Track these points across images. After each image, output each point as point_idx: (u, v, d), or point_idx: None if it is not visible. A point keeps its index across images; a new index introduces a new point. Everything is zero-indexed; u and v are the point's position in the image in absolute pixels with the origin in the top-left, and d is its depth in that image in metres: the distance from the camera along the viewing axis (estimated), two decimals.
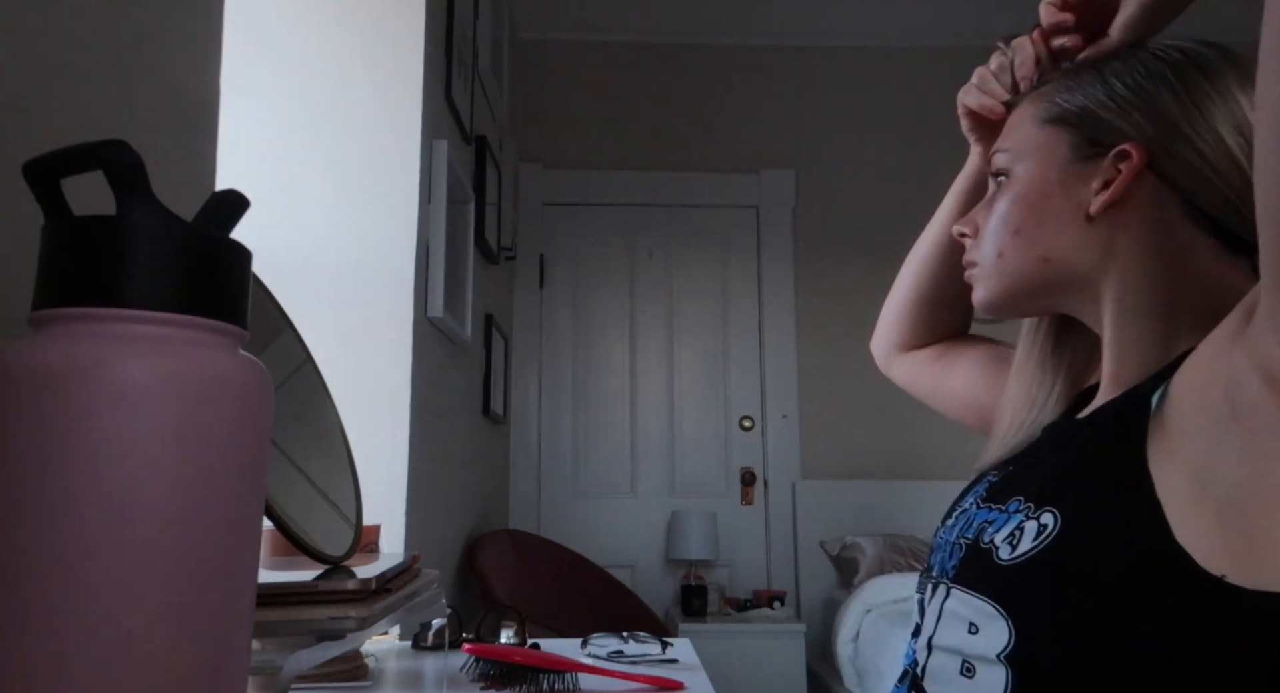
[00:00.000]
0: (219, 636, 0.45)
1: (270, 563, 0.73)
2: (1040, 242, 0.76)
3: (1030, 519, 0.66)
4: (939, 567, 0.77)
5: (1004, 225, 0.78)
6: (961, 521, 0.77)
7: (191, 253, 0.46)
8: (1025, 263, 0.77)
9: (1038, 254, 0.76)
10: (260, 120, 1.87)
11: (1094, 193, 0.74)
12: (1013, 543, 0.66)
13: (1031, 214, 0.76)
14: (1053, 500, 0.66)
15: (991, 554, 0.67)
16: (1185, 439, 0.62)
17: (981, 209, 0.82)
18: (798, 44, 3.90)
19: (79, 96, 0.74)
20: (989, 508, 0.73)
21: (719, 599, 3.34)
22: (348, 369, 1.82)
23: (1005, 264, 0.78)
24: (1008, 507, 0.70)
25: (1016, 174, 0.78)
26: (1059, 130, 0.76)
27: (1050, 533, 0.64)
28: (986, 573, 0.67)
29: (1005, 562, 0.66)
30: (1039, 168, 0.77)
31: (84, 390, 0.42)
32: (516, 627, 1.42)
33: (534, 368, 3.71)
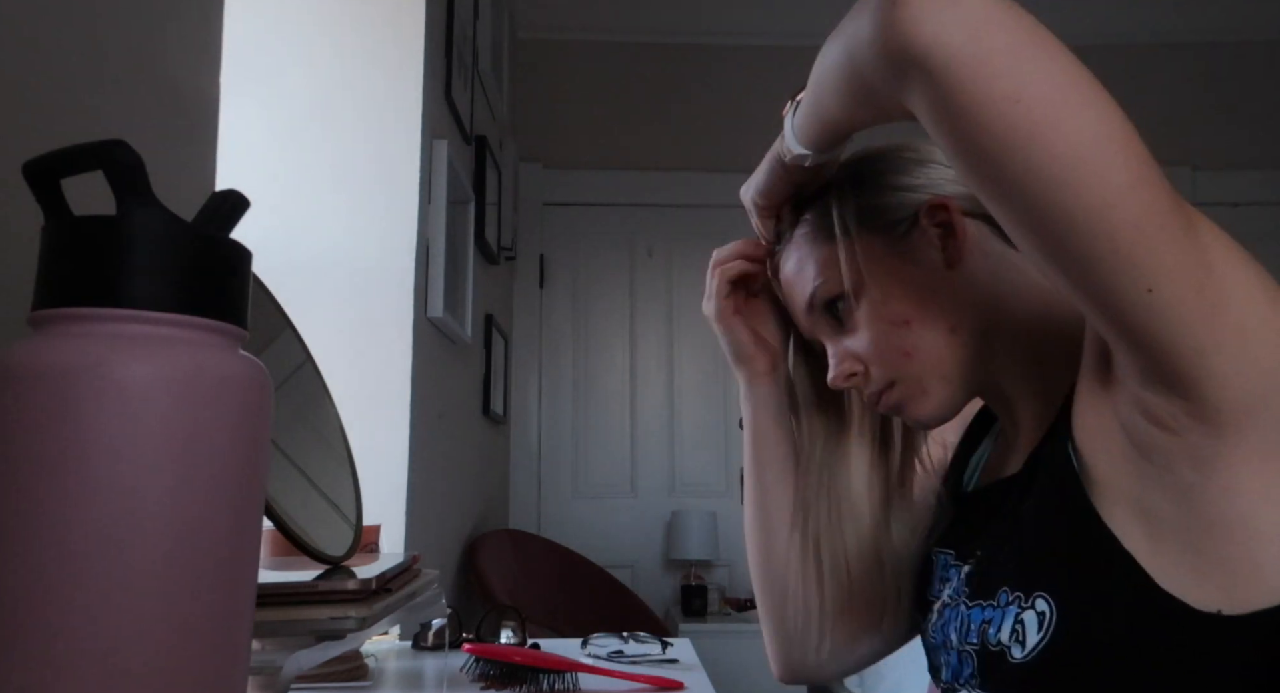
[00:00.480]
0: (219, 636, 0.45)
1: (270, 563, 0.73)
2: (934, 316, 0.74)
3: (1025, 609, 0.67)
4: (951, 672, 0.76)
5: (892, 328, 0.75)
6: (953, 619, 0.76)
7: (191, 253, 0.46)
8: (938, 344, 0.74)
9: (942, 328, 0.74)
10: (260, 121, 1.87)
11: (936, 249, 0.75)
12: (1020, 640, 0.67)
13: (908, 301, 0.75)
14: (1039, 585, 0.66)
15: (1005, 657, 0.68)
16: (1113, 487, 0.63)
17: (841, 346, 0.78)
18: (798, 44, 3.89)
19: (79, 96, 0.74)
20: (980, 606, 0.73)
21: (719, 599, 3.34)
22: (348, 369, 1.82)
23: (924, 359, 0.75)
24: (998, 600, 0.70)
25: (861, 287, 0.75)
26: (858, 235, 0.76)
27: (1050, 622, 0.65)
28: (1008, 677, 0.68)
29: (1020, 660, 0.66)
30: (875, 266, 0.75)
31: (84, 390, 0.42)
32: (516, 627, 1.42)
33: (534, 368, 3.71)
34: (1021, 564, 0.69)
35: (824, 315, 0.79)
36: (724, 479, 3.70)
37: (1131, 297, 0.55)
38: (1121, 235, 0.54)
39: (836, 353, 0.79)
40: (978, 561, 0.76)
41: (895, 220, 0.76)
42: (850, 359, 0.78)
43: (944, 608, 0.78)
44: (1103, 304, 0.57)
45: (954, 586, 0.78)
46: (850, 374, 0.78)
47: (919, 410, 0.77)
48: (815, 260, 0.79)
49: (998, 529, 0.74)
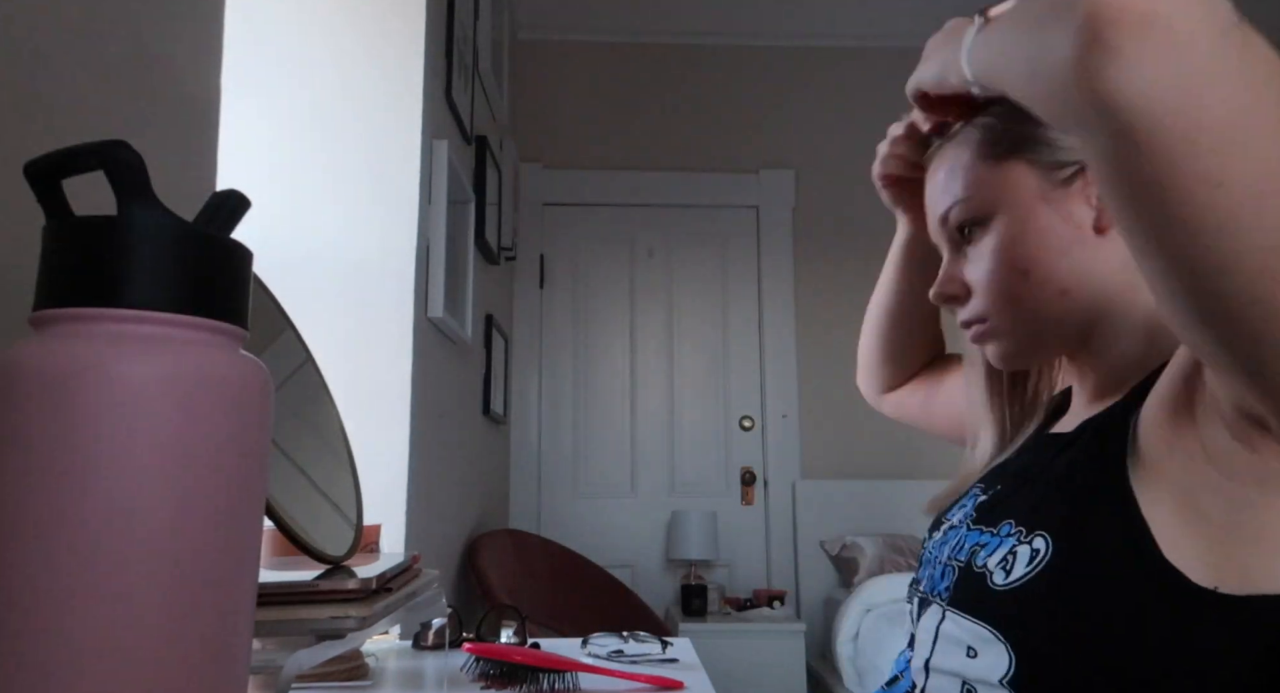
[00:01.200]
0: (219, 636, 0.45)
1: (270, 563, 0.73)
2: (1054, 275, 0.73)
3: (1022, 543, 0.67)
4: (929, 583, 0.77)
5: (1010, 270, 0.73)
6: (952, 538, 0.77)
7: (192, 253, 0.46)
8: (1045, 302, 0.73)
9: (1055, 288, 0.73)
10: (261, 121, 1.87)
11: (1091, 208, 0.72)
12: (1006, 568, 0.67)
13: (1037, 250, 0.73)
14: (1043, 524, 0.66)
15: (986, 579, 0.68)
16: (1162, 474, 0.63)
17: (956, 267, 0.78)
18: (798, 44, 3.90)
19: (79, 96, 0.74)
20: (979, 530, 0.73)
21: (719, 599, 3.34)
22: (348, 369, 1.82)
23: (1024, 309, 0.74)
24: (999, 530, 0.70)
25: (998, 217, 0.74)
26: (1017, 163, 0.73)
27: (1043, 558, 0.65)
28: (982, 598, 0.68)
29: (1001, 587, 0.66)
30: (1021, 204, 0.73)
31: (84, 390, 0.42)
32: (516, 627, 1.42)
33: (534, 368, 3.71)
34: (1034, 504, 0.69)
35: (953, 231, 0.78)
36: (724, 479, 3.70)
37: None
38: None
39: (947, 270, 0.79)
40: (995, 493, 0.77)
41: (1064, 163, 0.72)
42: (955, 283, 0.78)
43: (949, 529, 0.80)
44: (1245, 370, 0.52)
45: (966, 510, 0.79)
46: (950, 296, 0.79)
47: (1001, 351, 0.78)
48: (967, 175, 0.76)
49: (1026, 473, 0.76)
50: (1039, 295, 0.73)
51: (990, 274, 0.75)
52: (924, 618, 0.76)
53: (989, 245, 0.75)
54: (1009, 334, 0.76)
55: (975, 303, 0.77)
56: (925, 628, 0.75)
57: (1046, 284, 0.73)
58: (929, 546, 0.82)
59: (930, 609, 0.75)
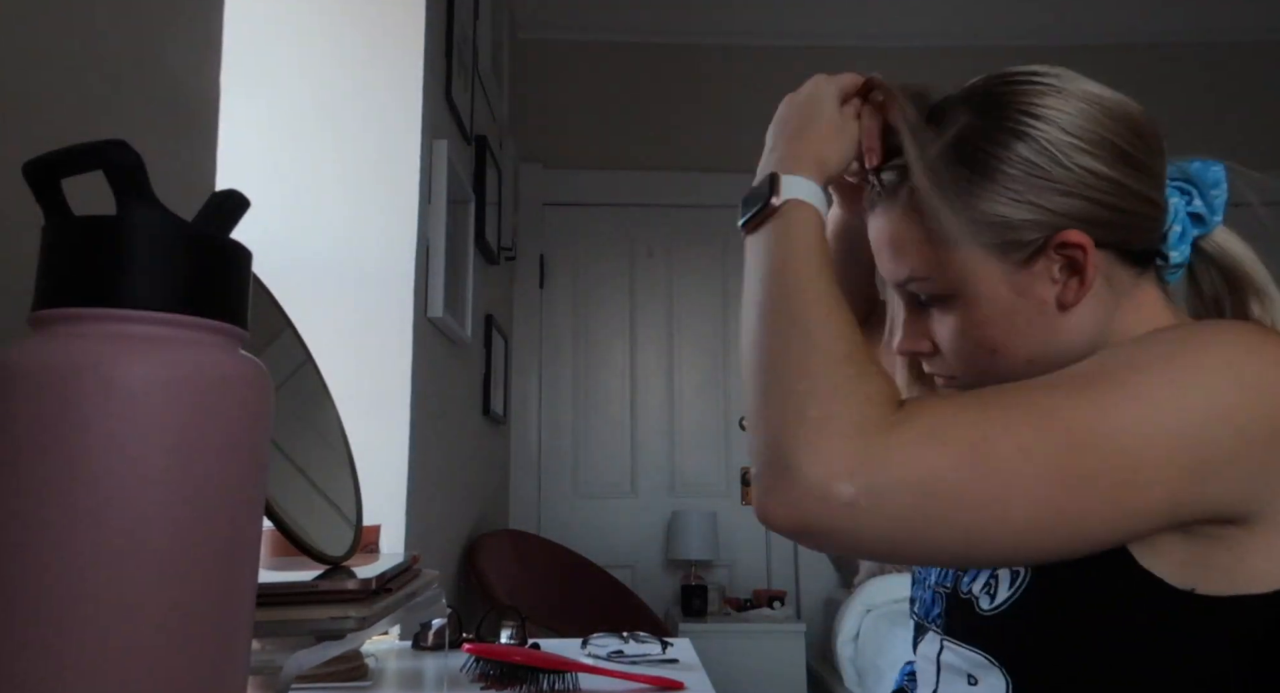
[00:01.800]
0: (219, 635, 0.45)
1: (270, 563, 0.73)
2: (1021, 350, 0.72)
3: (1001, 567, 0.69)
4: (923, 607, 0.80)
5: (978, 347, 0.72)
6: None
7: (191, 253, 0.46)
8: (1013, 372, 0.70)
9: (1022, 360, 0.72)
10: (261, 121, 1.87)
11: (1053, 285, 0.70)
12: (990, 593, 0.69)
13: (1003, 331, 0.71)
14: None
15: (973, 606, 0.70)
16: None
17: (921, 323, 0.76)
18: (798, 44, 3.90)
19: (79, 96, 0.74)
20: None
21: (719, 599, 3.34)
22: (348, 369, 1.82)
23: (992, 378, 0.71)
24: None
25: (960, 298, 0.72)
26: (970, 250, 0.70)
27: (1023, 582, 0.67)
28: (972, 625, 0.70)
29: (987, 612, 0.68)
30: (985, 287, 0.70)
31: (84, 390, 0.42)
32: (516, 627, 1.42)
33: (534, 368, 3.71)
34: None
35: (911, 295, 0.76)
36: (724, 479, 3.70)
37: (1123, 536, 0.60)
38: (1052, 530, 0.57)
39: (910, 326, 0.76)
40: None
41: (1021, 242, 0.69)
42: (923, 339, 0.75)
43: None
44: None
45: None
46: (917, 352, 0.76)
47: None
48: (921, 254, 0.72)
49: None
50: (1007, 366, 0.72)
51: (959, 348, 0.73)
52: (922, 645, 0.78)
53: (954, 321, 0.72)
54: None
55: (944, 364, 0.75)
56: (925, 657, 0.77)
57: (1014, 358, 0.72)
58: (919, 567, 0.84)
59: (927, 637, 0.77)
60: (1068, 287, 0.69)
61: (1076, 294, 0.69)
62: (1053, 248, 0.68)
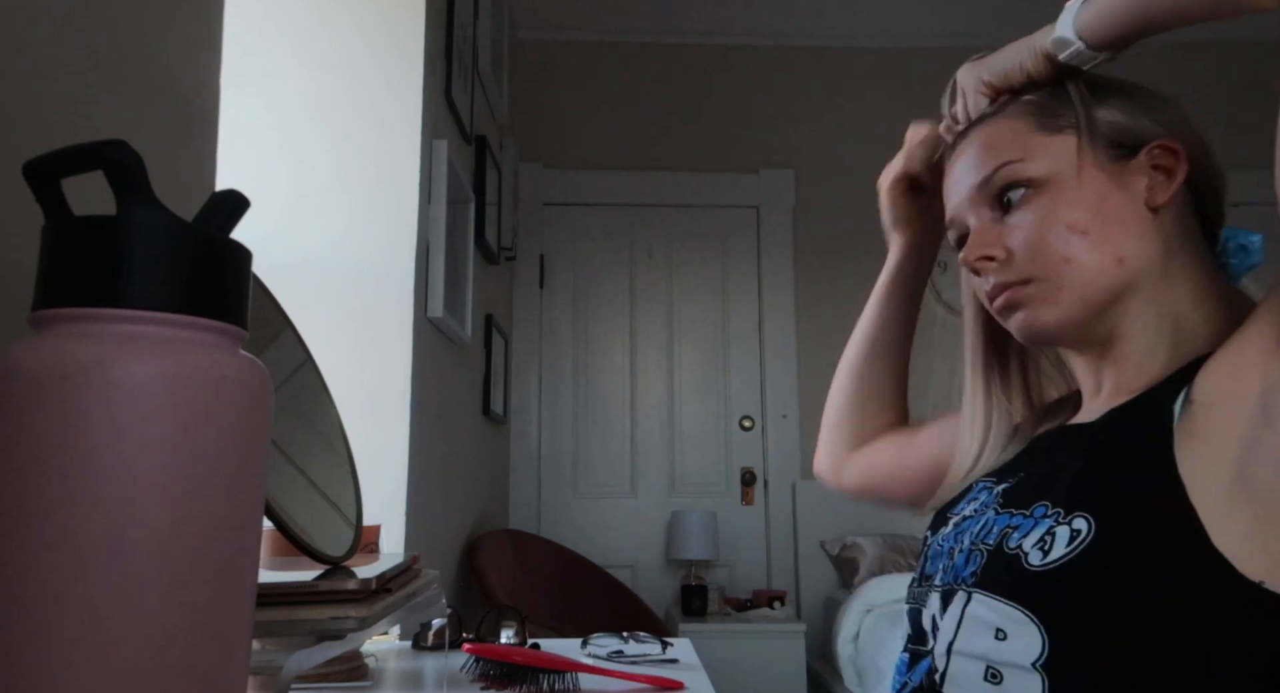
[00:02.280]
0: (219, 635, 0.45)
1: (270, 563, 0.73)
2: (1111, 240, 0.72)
3: (1061, 524, 0.65)
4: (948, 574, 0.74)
5: (1068, 230, 0.72)
6: (972, 526, 0.75)
7: (191, 253, 0.46)
8: (1102, 266, 0.71)
9: (1112, 254, 0.72)
10: (260, 121, 1.87)
11: (1145, 181, 0.73)
12: (1044, 549, 0.64)
13: (1096, 213, 0.72)
14: (1084, 506, 0.65)
15: (1020, 560, 0.65)
16: (1217, 443, 0.62)
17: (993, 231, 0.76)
18: (798, 44, 3.90)
19: (79, 96, 0.74)
20: (1010, 513, 0.71)
21: (719, 599, 3.34)
22: (348, 369, 1.82)
23: (1077, 272, 0.72)
24: (1033, 512, 0.68)
25: (1054, 180, 0.73)
26: (1074, 136, 0.74)
27: (1084, 539, 0.63)
28: (1015, 579, 0.65)
29: (1037, 568, 0.64)
30: (1085, 169, 0.73)
31: (84, 390, 0.41)
32: (516, 627, 1.42)
33: (534, 368, 3.71)
34: (1072, 487, 0.67)
35: (993, 196, 0.76)
36: (724, 479, 3.70)
37: None
38: None
39: (983, 232, 0.76)
40: (1019, 479, 0.75)
41: (1121, 141, 0.73)
42: (997, 244, 0.75)
43: (964, 520, 0.77)
44: None
45: (981, 501, 0.77)
46: (989, 256, 0.75)
47: (1039, 317, 0.74)
48: (1021, 138, 0.75)
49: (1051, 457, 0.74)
50: (1096, 259, 0.71)
51: (1044, 235, 0.73)
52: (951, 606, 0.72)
53: (1042, 207, 0.73)
54: (1053, 298, 0.73)
55: (1019, 265, 0.74)
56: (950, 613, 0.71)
57: (1105, 247, 0.71)
58: (936, 540, 0.80)
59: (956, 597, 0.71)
60: (1157, 187, 0.72)
61: (1166, 195, 0.72)
62: (1147, 151, 0.73)
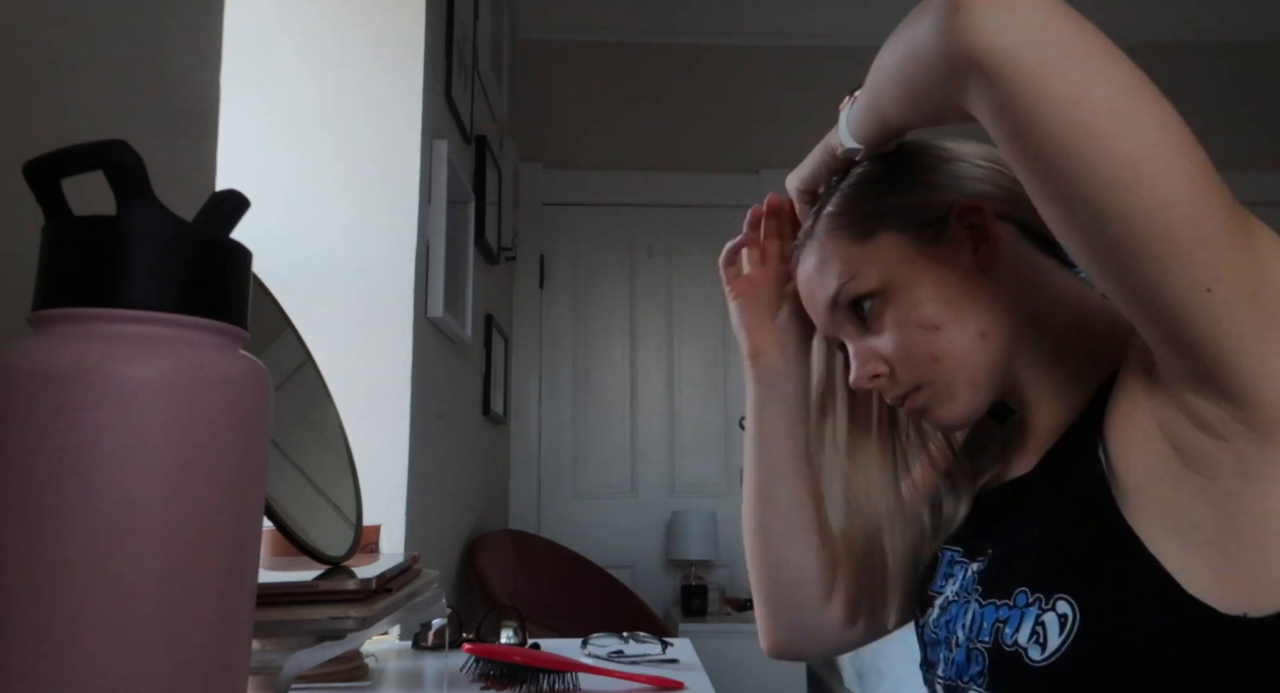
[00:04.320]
0: (219, 635, 0.45)
1: (270, 563, 0.73)
2: (965, 322, 0.73)
3: (1046, 611, 0.65)
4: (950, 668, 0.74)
5: (921, 330, 0.74)
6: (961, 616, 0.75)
7: (191, 253, 0.46)
8: (969, 350, 0.73)
9: (973, 333, 0.73)
10: (261, 121, 1.87)
11: (968, 253, 0.74)
12: (1040, 642, 0.65)
13: (940, 304, 0.73)
14: (1060, 587, 0.65)
15: (1021, 658, 0.66)
16: (1147, 495, 0.63)
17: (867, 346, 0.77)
18: (797, 44, 3.90)
19: (79, 96, 0.74)
20: (994, 604, 0.71)
21: (719, 599, 3.34)
22: (348, 369, 1.82)
23: (951, 363, 0.74)
24: (1015, 601, 0.68)
25: (889, 287, 0.75)
26: (885, 235, 0.75)
27: (1073, 624, 0.63)
28: (1024, 679, 0.66)
29: (1040, 664, 0.64)
30: (905, 268, 0.74)
31: (84, 390, 0.42)
32: (516, 627, 1.42)
33: (534, 368, 3.71)
34: (1041, 566, 0.68)
35: (849, 314, 0.77)
36: (724, 479, 3.70)
37: (1189, 297, 0.55)
38: (1180, 235, 0.54)
39: (861, 353, 0.77)
40: (989, 558, 0.75)
41: (927, 221, 0.75)
42: (875, 360, 0.76)
43: (949, 604, 0.77)
44: (1159, 308, 0.57)
45: (961, 582, 0.77)
46: (874, 375, 0.77)
47: (944, 415, 0.76)
48: (841, 257, 0.77)
49: (1011, 528, 0.74)
50: (961, 345, 0.73)
51: (904, 342, 0.74)
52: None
53: (891, 317, 0.75)
54: (947, 394, 0.75)
55: (902, 374, 0.76)
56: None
57: (963, 332, 0.73)
58: (929, 626, 0.80)
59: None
60: (980, 250, 0.74)
61: (989, 255, 0.73)
62: (955, 217, 0.74)
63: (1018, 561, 0.71)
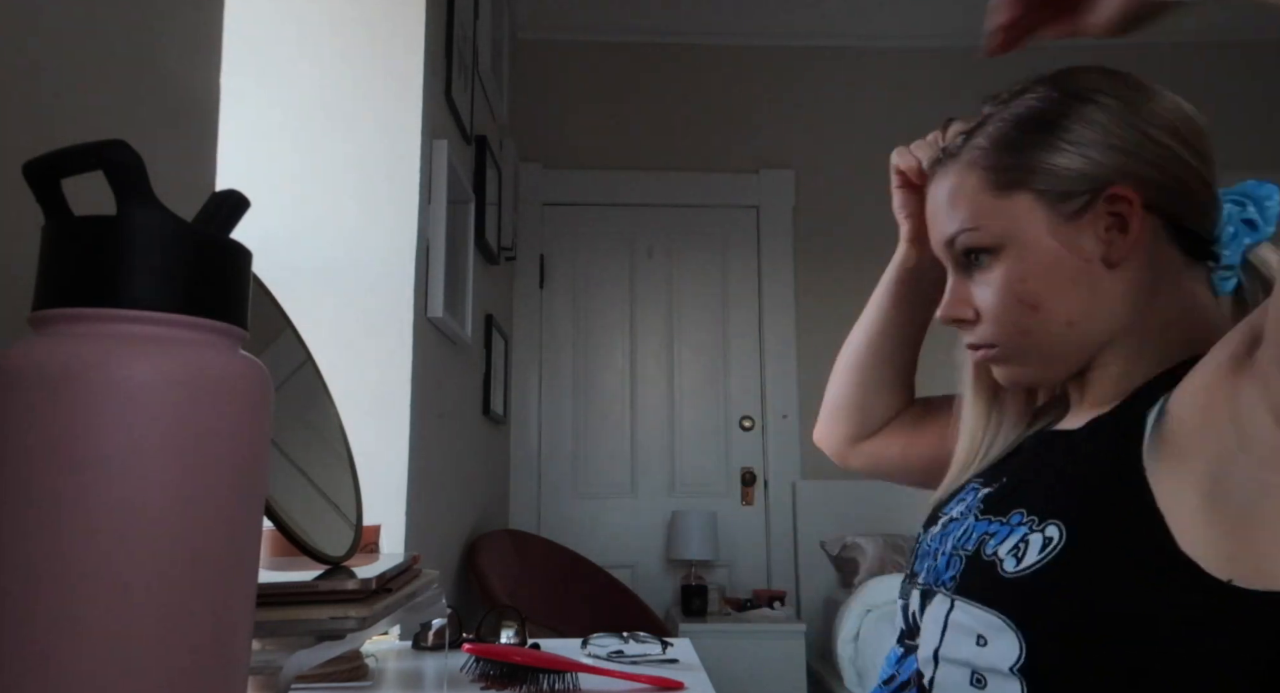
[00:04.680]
0: (219, 636, 0.45)
1: (270, 563, 0.73)
2: (1062, 308, 0.73)
3: (1035, 532, 0.66)
4: (930, 575, 0.77)
5: (1019, 303, 0.74)
6: (956, 530, 0.77)
7: (191, 253, 0.46)
8: (1054, 334, 0.74)
9: (1063, 321, 0.74)
10: (261, 121, 1.87)
11: (1100, 242, 0.72)
12: (1018, 556, 0.66)
13: (1046, 285, 0.73)
14: (1056, 514, 0.66)
15: (996, 567, 0.67)
16: (1190, 457, 0.62)
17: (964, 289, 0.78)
18: (798, 44, 3.90)
19: (79, 96, 0.74)
20: (989, 520, 0.73)
21: (719, 599, 3.34)
22: (348, 369, 1.82)
23: (1032, 340, 0.75)
24: (1009, 519, 0.70)
25: (1007, 249, 0.74)
26: (1023, 195, 0.73)
27: (1056, 546, 0.64)
28: (992, 586, 0.67)
29: (1011, 574, 0.66)
30: (1030, 238, 0.73)
31: (84, 390, 0.41)
32: (516, 627, 1.42)
33: (534, 368, 3.71)
34: (1047, 494, 0.69)
35: (960, 255, 0.78)
36: (724, 479, 3.70)
37: None
38: None
39: (955, 290, 0.79)
40: (1000, 485, 0.77)
41: (1071, 192, 0.72)
42: (965, 306, 0.78)
43: (950, 522, 0.79)
44: None
45: (967, 503, 0.79)
46: (960, 318, 0.78)
47: (1012, 375, 0.78)
48: (972, 202, 0.75)
49: (1032, 464, 0.76)
50: (1048, 328, 0.74)
51: (999, 306, 0.75)
52: (930, 608, 0.75)
53: (998, 276, 0.75)
54: (1017, 361, 0.77)
55: (984, 329, 0.77)
56: (933, 617, 0.73)
57: (1054, 317, 0.74)
58: (925, 540, 0.82)
59: (936, 599, 0.74)
60: (1114, 244, 0.71)
61: (1122, 250, 0.71)
62: (1102, 201, 0.71)
63: (1026, 488, 0.72)
